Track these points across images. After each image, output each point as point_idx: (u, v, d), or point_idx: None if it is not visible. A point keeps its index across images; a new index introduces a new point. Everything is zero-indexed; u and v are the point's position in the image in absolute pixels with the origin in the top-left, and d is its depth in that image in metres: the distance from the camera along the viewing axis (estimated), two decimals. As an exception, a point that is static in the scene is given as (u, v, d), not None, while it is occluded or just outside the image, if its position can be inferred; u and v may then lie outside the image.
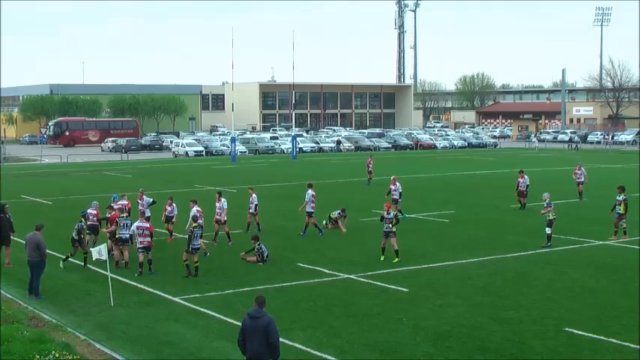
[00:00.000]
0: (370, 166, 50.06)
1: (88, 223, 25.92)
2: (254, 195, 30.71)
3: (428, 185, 50.05)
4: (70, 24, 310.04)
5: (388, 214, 25.16)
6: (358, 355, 16.15)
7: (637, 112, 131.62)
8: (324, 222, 31.56)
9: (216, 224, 28.78)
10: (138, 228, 23.95)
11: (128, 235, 24.50)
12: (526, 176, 37.34)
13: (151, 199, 30.30)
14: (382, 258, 25.18)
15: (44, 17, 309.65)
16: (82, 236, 25.05)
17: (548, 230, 27.38)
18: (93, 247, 23.25)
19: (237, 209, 33.87)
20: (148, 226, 24.09)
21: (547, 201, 27.73)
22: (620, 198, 28.51)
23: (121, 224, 24.59)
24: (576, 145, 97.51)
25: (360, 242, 28.83)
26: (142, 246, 23.72)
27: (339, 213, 31.87)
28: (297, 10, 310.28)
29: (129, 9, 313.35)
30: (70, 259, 25.00)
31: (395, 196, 34.66)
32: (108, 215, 26.02)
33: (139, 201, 29.34)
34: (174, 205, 29.47)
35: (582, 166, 43.02)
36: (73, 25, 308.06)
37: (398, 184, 35.05)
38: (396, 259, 24.86)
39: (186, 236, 24.04)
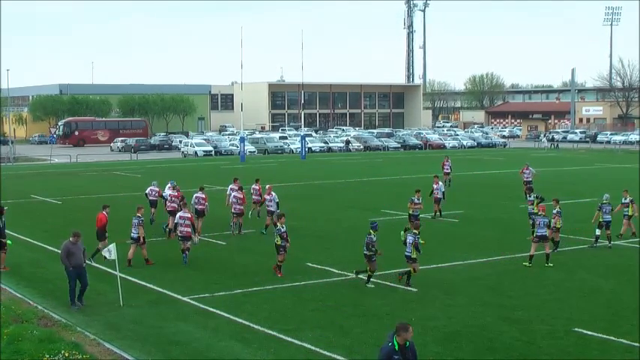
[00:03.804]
0: (446, 166, 47.91)
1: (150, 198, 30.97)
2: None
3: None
4: (79, 24, 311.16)
5: (544, 217, 24.79)
6: (367, 355, 16.13)
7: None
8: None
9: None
10: (180, 218, 25.13)
11: (136, 235, 24.63)
12: (440, 182, 35.17)
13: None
14: (529, 264, 24.33)
15: (54, 17, 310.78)
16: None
17: (597, 231, 27.55)
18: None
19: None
20: (189, 216, 25.27)
21: (603, 202, 27.98)
22: (532, 198, 29.41)
23: (133, 222, 24.79)
24: (557, 144, 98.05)
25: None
26: (181, 235, 24.95)
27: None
28: (306, 10, 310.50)
29: (138, 8, 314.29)
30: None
31: (270, 208, 30.45)
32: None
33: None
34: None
35: (529, 166, 43.91)
36: (83, 25, 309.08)
37: (274, 193, 31.07)
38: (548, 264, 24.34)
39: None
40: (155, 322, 18.58)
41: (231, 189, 32.08)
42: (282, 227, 23.67)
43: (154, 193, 33.16)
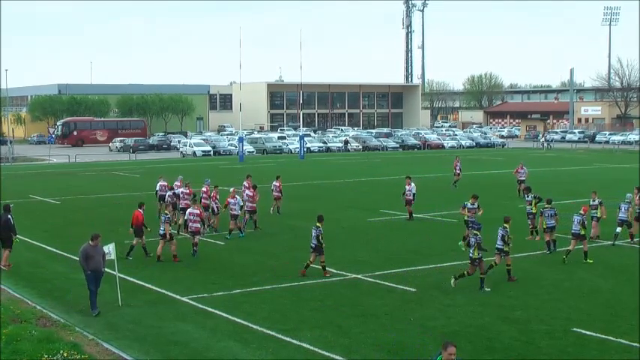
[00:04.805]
0: (457, 167, 48.01)
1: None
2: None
3: (435, 185, 49.98)
4: (78, 24, 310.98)
5: (579, 215, 25.25)
6: (366, 354, 16.14)
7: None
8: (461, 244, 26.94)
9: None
10: (190, 214, 26.45)
11: (163, 232, 25.45)
12: (413, 184, 33.76)
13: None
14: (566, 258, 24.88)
15: (53, 17, 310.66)
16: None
17: (618, 229, 27.84)
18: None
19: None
20: (198, 212, 26.57)
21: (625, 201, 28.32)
22: (529, 198, 29.43)
23: (161, 219, 25.93)
24: (549, 144, 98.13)
25: (368, 242, 28.81)
26: (191, 230, 26.26)
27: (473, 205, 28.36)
28: (305, 10, 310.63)
29: (137, 8, 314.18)
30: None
31: (234, 212, 29.72)
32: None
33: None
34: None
35: (524, 165, 44.18)
36: (82, 25, 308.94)
37: (238, 197, 30.15)
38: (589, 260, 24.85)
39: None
40: (154, 322, 18.58)
41: (245, 187, 32.81)
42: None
43: (163, 187, 34.64)
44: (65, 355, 15.46)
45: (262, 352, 16.25)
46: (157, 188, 35.20)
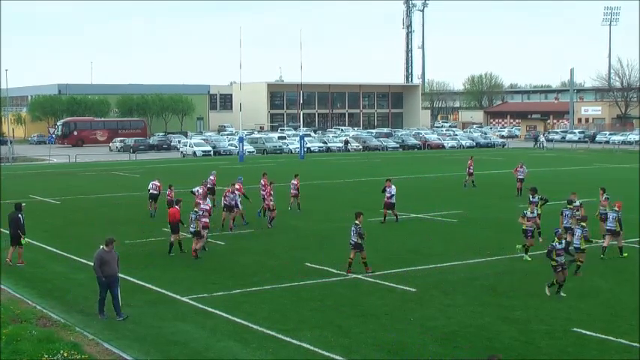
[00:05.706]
0: (471, 167, 47.84)
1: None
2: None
3: (435, 185, 49.97)
4: (78, 24, 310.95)
5: (614, 211, 25.82)
6: (366, 355, 16.14)
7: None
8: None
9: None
10: (200, 210, 26.86)
11: (194, 229, 25.96)
12: (393, 185, 33.75)
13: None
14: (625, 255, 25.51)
15: (53, 17, 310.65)
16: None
17: None
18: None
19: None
20: (207, 208, 27.44)
21: None
22: (536, 199, 29.07)
23: (190, 217, 26.31)
24: (541, 145, 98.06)
25: (368, 242, 28.70)
26: (202, 226, 26.51)
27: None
28: (305, 10, 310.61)
29: (137, 8, 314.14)
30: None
31: (205, 218, 27.93)
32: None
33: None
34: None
35: (524, 164, 44.54)
36: (82, 25, 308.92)
37: (209, 200, 30.11)
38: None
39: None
40: (154, 322, 18.58)
41: (263, 185, 34.05)
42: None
43: (155, 187, 35.63)
44: (65, 355, 15.46)
45: (262, 352, 16.25)
46: (149, 187, 35.93)
